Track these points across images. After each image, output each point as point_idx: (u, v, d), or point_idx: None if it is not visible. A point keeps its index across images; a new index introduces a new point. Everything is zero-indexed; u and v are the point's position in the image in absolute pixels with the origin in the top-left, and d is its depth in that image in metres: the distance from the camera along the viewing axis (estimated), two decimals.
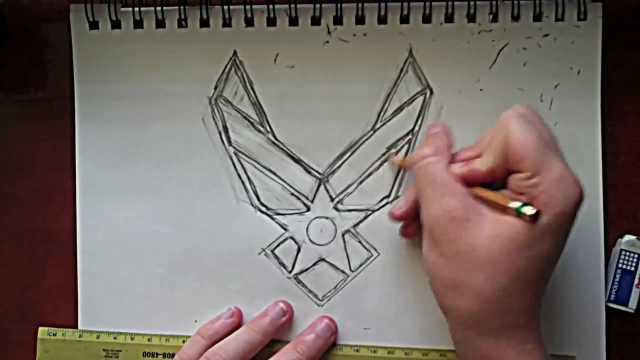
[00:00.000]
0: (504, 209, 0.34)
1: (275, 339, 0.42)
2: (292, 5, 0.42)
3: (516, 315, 0.34)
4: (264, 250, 0.43)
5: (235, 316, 0.42)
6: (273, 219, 0.43)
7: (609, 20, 0.42)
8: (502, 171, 0.35)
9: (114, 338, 0.42)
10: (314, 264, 0.43)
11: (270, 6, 0.42)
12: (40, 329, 0.43)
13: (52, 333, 0.43)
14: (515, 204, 0.33)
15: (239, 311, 0.42)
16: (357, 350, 0.42)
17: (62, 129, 0.44)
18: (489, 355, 0.34)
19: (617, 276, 0.41)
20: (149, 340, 0.42)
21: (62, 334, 0.43)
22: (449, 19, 0.42)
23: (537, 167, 0.33)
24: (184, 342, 0.42)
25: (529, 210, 0.33)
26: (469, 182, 0.36)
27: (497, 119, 0.34)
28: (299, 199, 0.43)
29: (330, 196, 0.43)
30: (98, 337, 0.42)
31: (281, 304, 0.42)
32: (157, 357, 0.42)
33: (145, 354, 0.42)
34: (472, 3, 0.42)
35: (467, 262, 0.34)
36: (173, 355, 0.42)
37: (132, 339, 0.42)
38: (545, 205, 0.33)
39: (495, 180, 0.36)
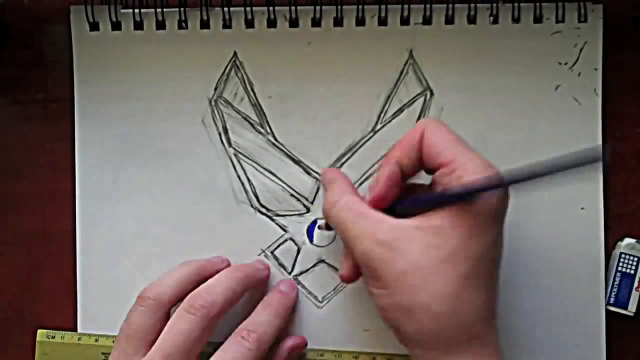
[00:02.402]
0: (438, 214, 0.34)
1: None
2: (293, 7, 0.42)
3: (471, 326, 0.33)
4: (263, 251, 0.43)
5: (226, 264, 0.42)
6: (273, 220, 0.43)
7: (610, 22, 0.42)
8: (413, 168, 0.36)
9: (113, 341, 0.42)
10: (314, 265, 0.43)
11: (271, 8, 0.42)
12: (39, 331, 0.43)
13: (50, 336, 0.43)
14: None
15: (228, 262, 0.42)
16: (356, 357, 0.42)
17: (62, 130, 0.44)
18: None
19: (617, 279, 0.41)
20: None
21: (61, 337, 0.43)
22: (449, 20, 0.42)
23: (455, 159, 0.33)
24: None
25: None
26: (391, 193, 0.36)
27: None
28: (298, 200, 0.43)
29: None
30: (97, 340, 0.42)
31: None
32: None
33: None
34: (472, 5, 0.42)
35: (408, 282, 0.33)
36: None
37: None
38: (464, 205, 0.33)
39: (407, 178, 0.36)
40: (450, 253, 0.33)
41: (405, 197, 0.37)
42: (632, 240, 0.41)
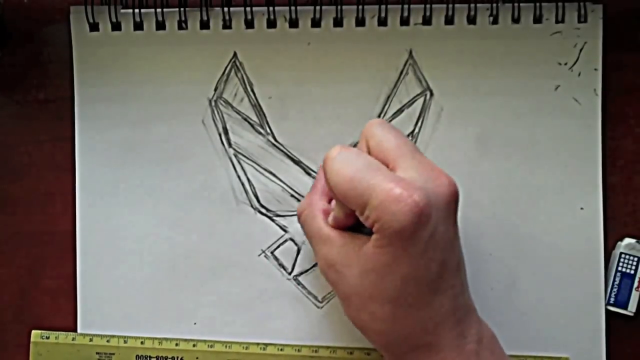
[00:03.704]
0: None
1: (270, 342, 0.42)
2: (292, 7, 0.42)
3: (414, 339, 0.34)
4: (263, 251, 0.43)
5: None
6: (273, 220, 0.43)
7: (610, 22, 0.42)
8: (349, 216, 0.35)
9: (107, 341, 0.42)
10: (314, 266, 0.43)
11: (271, 8, 0.42)
12: (33, 332, 0.43)
13: (45, 336, 0.43)
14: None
15: None
16: (351, 353, 0.42)
17: (62, 130, 0.44)
18: None
19: (617, 279, 0.41)
20: (142, 343, 0.42)
21: (55, 337, 0.43)
22: (449, 21, 0.42)
23: (361, 201, 0.33)
24: (177, 345, 0.42)
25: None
26: (344, 227, 0.36)
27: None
28: (298, 200, 0.43)
29: None
30: (91, 340, 0.42)
31: None
32: (150, 359, 0.42)
33: (138, 357, 0.42)
34: (472, 5, 0.42)
35: (351, 302, 0.35)
36: (166, 358, 0.42)
37: (125, 341, 0.42)
38: (380, 230, 0.32)
39: (350, 223, 0.36)
40: (378, 278, 0.33)
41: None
42: (632, 240, 0.41)
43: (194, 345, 0.42)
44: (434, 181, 0.33)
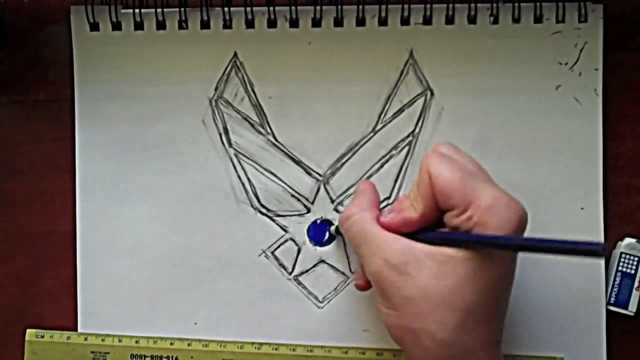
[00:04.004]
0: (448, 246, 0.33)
1: (264, 342, 0.42)
2: (293, 7, 0.42)
3: (472, 354, 0.33)
4: (264, 251, 0.43)
5: None
6: (273, 220, 0.43)
7: (610, 22, 0.42)
8: (434, 213, 0.35)
9: (102, 340, 0.42)
10: (314, 266, 0.43)
11: (271, 8, 0.42)
12: (28, 331, 0.43)
13: (39, 335, 0.43)
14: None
15: None
16: (346, 352, 0.42)
17: (62, 130, 0.44)
18: None
19: (617, 279, 0.41)
20: (136, 342, 0.42)
21: (50, 336, 0.43)
22: (449, 20, 0.42)
23: (465, 200, 0.33)
24: (171, 344, 0.42)
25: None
26: (404, 230, 0.35)
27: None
28: (299, 200, 0.43)
29: (331, 198, 0.43)
30: (86, 339, 0.42)
31: None
32: (145, 359, 0.42)
33: (132, 356, 0.42)
34: (472, 5, 0.42)
35: (416, 307, 0.33)
36: (160, 357, 0.42)
37: (119, 340, 0.42)
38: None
39: (430, 223, 0.35)
40: (458, 283, 0.33)
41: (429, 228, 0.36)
42: (632, 240, 0.41)
43: (188, 345, 0.42)
44: (515, 198, 0.34)
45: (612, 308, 0.41)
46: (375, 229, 0.36)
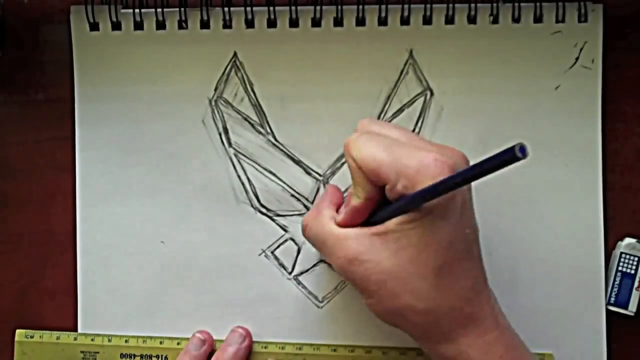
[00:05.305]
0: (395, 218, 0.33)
1: (269, 341, 0.42)
2: (293, 7, 0.42)
3: (459, 311, 0.34)
4: (264, 251, 0.43)
5: (207, 344, 0.42)
6: (273, 220, 0.43)
7: (610, 22, 0.42)
8: (376, 193, 0.35)
9: (92, 340, 0.42)
10: (314, 265, 0.43)
11: (271, 8, 0.42)
12: (17, 331, 0.43)
13: (29, 335, 0.43)
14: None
15: (209, 336, 0.42)
16: (352, 351, 0.42)
17: (62, 130, 0.44)
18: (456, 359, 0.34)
19: (617, 279, 0.41)
20: (126, 341, 0.42)
21: (40, 336, 0.42)
22: (449, 20, 0.42)
23: (394, 170, 0.33)
24: (161, 343, 0.42)
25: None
26: (359, 220, 0.35)
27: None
28: (299, 200, 0.43)
29: None
30: (75, 339, 0.42)
31: (239, 330, 0.42)
32: (134, 358, 0.42)
33: (122, 355, 0.42)
34: (472, 5, 0.42)
35: (389, 289, 0.34)
36: (150, 356, 0.42)
37: (109, 340, 0.42)
38: None
39: (378, 201, 0.35)
40: (416, 252, 0.33)
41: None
42: (632, 240, 0.41)
43: (178, 344, 0.42)
44: (450, 151, 0.34)
45: (612, 308, 0.41)
46: (328, 229, 0.36)
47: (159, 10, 0.43)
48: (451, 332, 0.34)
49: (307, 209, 0.43)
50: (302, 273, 0.43)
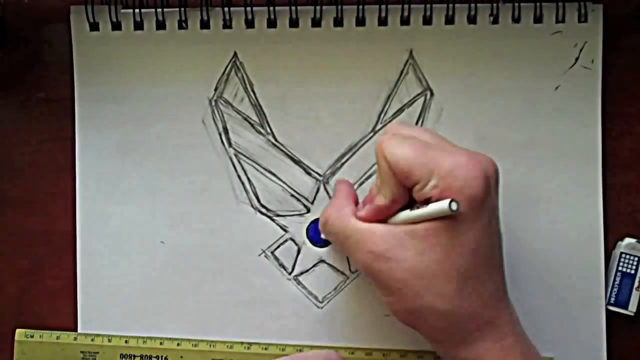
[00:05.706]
0: (426, 221, 0.33)
1: (271, 342, 0.42)
2: (293, 7, 0.42)
3: (479, 316, 0.34)
4: (264, 251, 0.43)
5: None
6: (273, 220, 0.43)
7: (610, 22, 0.42)
8: (403, 193, 0.35)
9: (92, 340, 0.42)
10: (314, 266, 0.43)
11: (271, 8, 0.42)
12: (17, 330, 0.43)
13: (29, 335, 0.43)
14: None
15: None
16: (353, 353, 0.42)
17: (62, 130, 0.44)
18: None
19: (617, 279, 0.41)
20: (126, 342, 0.42)
21: (40, 336, 0.42)
22: (449, 20, 0.42)
23: (426, 171, 0.33)
24: (161, 343, 0.42)
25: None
26: (381, 218, 0.35)
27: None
28: (299, 200, 0.43)
29: (331, 197, 0.43)
30: (75, 339, 0.42)
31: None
32: (134, 358, 0.42)
33: (122, 356, 0.42)
34: (472, 5, 0.42)
35: (411, 288, 0.34)
36: (150, 357, 0.42)
37: (109, 340, 0.42)
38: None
39: (404, 203, 0.35)
40: (444, 253, 0.33)
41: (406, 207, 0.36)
42: (632, 240, 0.41)
43: (178, 344, 0.42)
44: (481, 156, 0.34)
45: (612, 308, 0.41)
46: (353, 225, 0.36)
47: (159, 10, 0.43)
48: (469, 336, 0.34)
49: (307, 209, 0.43)
50: (302, 273, 0.43)
